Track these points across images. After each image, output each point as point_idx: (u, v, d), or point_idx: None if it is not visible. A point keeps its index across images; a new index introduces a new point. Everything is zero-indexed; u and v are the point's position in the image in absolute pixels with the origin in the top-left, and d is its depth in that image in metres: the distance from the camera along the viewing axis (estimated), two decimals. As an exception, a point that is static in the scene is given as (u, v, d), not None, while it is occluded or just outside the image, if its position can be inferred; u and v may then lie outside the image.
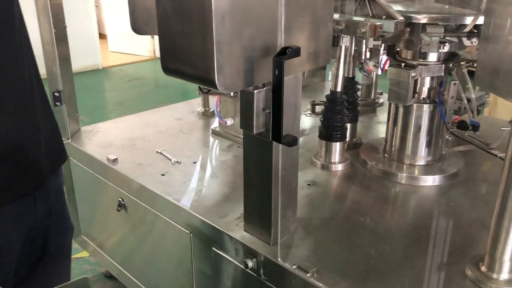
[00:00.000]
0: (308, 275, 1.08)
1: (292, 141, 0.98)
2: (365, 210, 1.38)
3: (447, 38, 1.35)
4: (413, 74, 1.41)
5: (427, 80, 1.50)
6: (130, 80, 5.90)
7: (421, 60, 1.46)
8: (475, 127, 1.55)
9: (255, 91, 1.03)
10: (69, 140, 1.87)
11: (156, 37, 6.28)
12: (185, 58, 0.90)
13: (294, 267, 1.11)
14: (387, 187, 1.52)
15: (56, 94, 1.78)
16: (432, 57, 1.46)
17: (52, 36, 1.75)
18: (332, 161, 1.62)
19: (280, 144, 1.09)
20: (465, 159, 1.61)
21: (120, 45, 7.17)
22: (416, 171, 1.56)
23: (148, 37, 6.96)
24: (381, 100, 2.30)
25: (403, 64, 1.45)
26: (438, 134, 1.55)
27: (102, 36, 6.98)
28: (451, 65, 1.45)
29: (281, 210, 1.18)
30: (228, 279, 1.31)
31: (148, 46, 7.00)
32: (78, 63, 6.14)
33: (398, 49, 1.53)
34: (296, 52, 0.91)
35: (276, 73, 0.90)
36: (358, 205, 1.40)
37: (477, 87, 1.55)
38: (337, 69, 1.52)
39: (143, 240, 1.64)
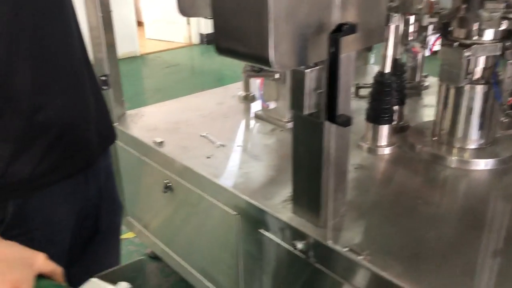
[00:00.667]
0: (361, 257, 1.07)
1: (346, 121, 0.96)
2: (415, 194, 1.34)
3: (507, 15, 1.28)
4: (467, 54, 1.36)
5: (481, 60, 1.44)
6: (167, 66, 5.95)
7: (476, 39, 1.40)
8: (530, 109, 1.49)
9: (307, 70, 1.01)
10: (115, 123, 1.91)
11: (192, 24, 6.32)
12: (239, 36, 0.89)
13: (346, 249, 1.10)
14: (436, 170, 1.48)
15: (103, 78, 1.81)
16: (488, 35, 1.39)
17: (99, 21, 1.77)
18: (379, 144, 1.58)
19: (332, 125, 1.08)
20: (520, 143, 1.55)
21: (156, 32, 7.24)
22: (468, 155, 1.50)
23: (184, 23, 7.00)
24: (426, 83, 2.23)
25: (456, 43, 1.39)
26: (491, 116, 1.50)
27: (139, 23, 7.06)
28: (508, 43, 1.38)
29: (332, 192, 1.16)
30: (275, 261, 1.31)
31: (184, 32, 7.04)
32: (117, 50, 6.26)
33: (450, 28, 1.48)
34: (352, 29, 0.88)
35: (332, 50, 0.88)
36: (407, 189, 1.37)
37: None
38: (386, 49, 1.48)
39: (188, 221, 1.66)
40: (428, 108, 2.01)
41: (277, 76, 1.65)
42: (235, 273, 1.50)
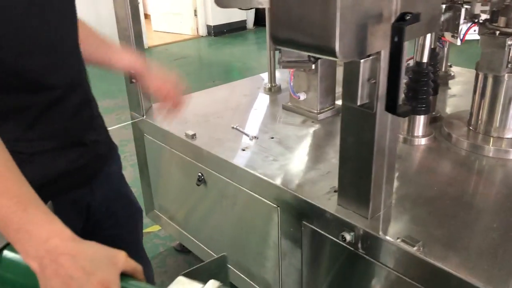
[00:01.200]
0: (415, 248, 1.06)
1: (406, 112, 0.95)
2: (458, 184, 1.34)
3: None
4: (510, 42, 1.34)
5: (521, 49, 1.43)
6: (175, 59, 5.93)
7: (517, 27, 1.38)
8: None
9: (362, 60, 1.00)
10: (144, 116, 1.90)
11: (200, 15, 6.26)
12: (302, 26, 0.88)
13: (399, 240, 1.09)
14: (475, 161, 1.47)
15: (132, 71, 1.79)
16: (529, 23, 1.38)
17: (127, 12, 1.75)
18: (416, 134, 1.57)
19: (384, 116, 1.07)
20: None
21: (163, 25, 7.21)
22: (506, 144, 1.49)
23: (191, 15, 6.96)
24: (452, 73, 2.22)
25: (497, 32, 1.38)
26: (530, 105, 1.48)
27: (145, 16, 7.02)
28: (550, 31, 1.37)
29: (382, 183, 1.16)
30: (320, 253, 1.31)
31: (191, 24, 7.01)
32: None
33: (488, 17, 1.46)
34: (416, 17, 0.87)
35: (396, 39, 0.87)
36: (450, 179, 1.36)
37: None
38: (424, 39, 1.46)
39: (223, 214, 1.65)
40: (457, 98, 2.00)
41: (313, 67, 1.64)
42: (274, 266, 1.50)
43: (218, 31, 7.10)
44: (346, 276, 1.27)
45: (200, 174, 1.67)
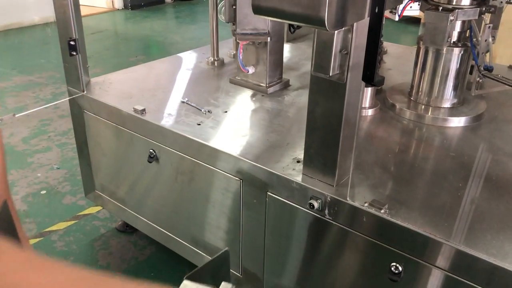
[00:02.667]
0: (382, 211, 1.13)
1: (381, 81, 0.99)
2: (408, 150, 1.43)
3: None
4: (451, 18, 1.45)
5: (458, 24, 1.54)
6: (92, 33, 5.59)
7: (456, 3, 1.49)
8: (489, 70, 1.63)
9: (336, 32, 1.02)
10: (84, 92, 1.79)
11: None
12: (288, -5, 0.88)
13: (366, 204, 1.15)
14: (419, 129, 1.58)
15: (72, 43, 1.67)
16: (466, 0, 1.49)
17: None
18: (363, 106, 1.65)
19: (352, 86, 1.11)
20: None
21: (74, -4, 6.73)
22: (443, 113, 1.62)
23: (106, -13, 6.58)
24: (385, 48, 2.34)
25: (440, 8, 1.47)
26: (465, 78, 1.62)
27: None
28: (484, 8, 1.49)
29: (346, 151, 1.21)
30: (285, 222, 1.34)
31: (106, -4, 6.63)
32: (32, 15, 5.75)
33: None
34: (394, -10, 0.91)
35: (376, 10, 0.90)
36: (400, 146, 1.46)
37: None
38: (373, 13, 1.52)
39: (179, 190, 1.62)
40: (392, 71, 2.12)
41: (269, 39, 1.64)
42: (234, 238, 1.51)
43: (135, 4, 6.79)
44: (312, 242, 1.31)
45: (152, 150, 1.62)
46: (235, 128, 1.54)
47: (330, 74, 1.07)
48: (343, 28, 1.02)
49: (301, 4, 0.87)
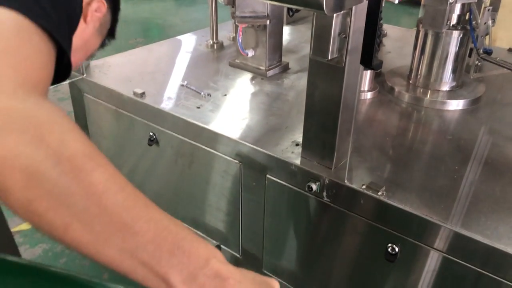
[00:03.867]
0: (379, 193, 1.14)
1: (379, 65, 1.00)
2: (406, 133, 1.45)
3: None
4: (451, 1, 1.44)
5: (458, 7, 1.54)
6: (90, 15, 5.54)
7: (456, -14, 1.48)
8: (489, 53, 1.63)
9: (335, 15, 1.02)
10: (84, 75, 1.79)
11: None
12: (287, -21, 0.88)
13: (363, 187, 1.17)
14: (418, 112, 1.59)
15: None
16: (466, -17, 1.48)
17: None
18: (362, 89, 1.65)
19: (351, 69, 1.12)
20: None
21: (72, -23, 6.65)
22: (442, 96, 1.63)
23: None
24: (384, 31, 2.33)
25: (440, -10, 1.47)
26: (463, 61, 1.62)
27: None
28: (484, -9, 1.49)
29: (345, 134, 1.22)
30: (284, 204, 1.36)
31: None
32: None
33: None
34: (393, -27, 0.90)
35: (375, -6, 0.90)
36: (398, 129, 1.47)
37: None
38: (373, -4, 1.52)
39: (178, 173, 1.64)
40: (391, 54, 2.11)
41: (268, 22, 1.64)
42: (234, 220, 1.53)
43: (134, -14, 6.72)
44: (310, 224, 1.33)
45: (151, 133, 1.63)
46: (234, 112, 1.55)
47: (329, 58, 1.07)
48: (341, 12, 1.02)
49: (299, -12, 0.87)
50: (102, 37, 1.04)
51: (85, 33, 0.94)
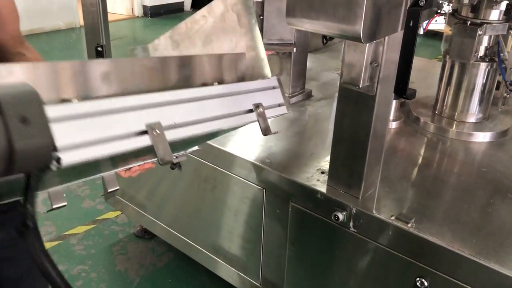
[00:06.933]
0: (409, 225, 1.12)
1: (412, 94, 0.99)
2: (432, 164, 1.42)
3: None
4: (479, 32, 1.44)
5: (485, 39, 1.53)
6: (112, 39, 5.65)
7: (484, 18, 1.48)
8: (515, 86, 1.61)
9: (367, 44, 1.02)
10: (109, 97, 1.80)
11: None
12: (324, 8, 0.88)
13: (392, 218, 1.14)
14: (444, 143, 1.56)
15: (99, 49, 1.70)
16: (494, 15, 1.48)
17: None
18: (387, 118, 1.64)
19: (382, 98, 1.11)
20: None
21: (95, 3, 6.84)
22: (468, 127, 1.61)
23: (127, -6, 6.68)
24: (407, 60, 2.33)
25: (468, 22, 1.47)
26: (491, 92, 1.60)
27: (76, -8, 6.62)
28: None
29: (373, 164, 1.20)
30: (308, 234, 1.33)
31: (126, 4, 6.73)
32: (54, 20, 5.84)
33: (456, 8, 1.55)
34: (429, 2, 0.91)
35: (411, 24, 0.90)
36: (424, 159, 1.45)
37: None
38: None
39: (200, 198, 1.63)
40: (414, 85, 2.10)
41: (294, 50, 1.65)
42: (255, 248, 1.50)
43: (155, 12, 6.87)
44: (336, 254, 1.30)
45: (174, 157, 1.62)
46: (258, 137, 1.54)
47: (360, 86, 1.07)
48: (375, 41, 1.02)
49: (336, 16, 0.87)
50: None
51: None
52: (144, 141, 0.59)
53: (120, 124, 0.57)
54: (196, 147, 1.03)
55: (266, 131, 0.80)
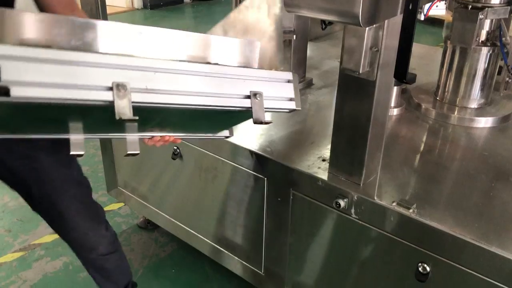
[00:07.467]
0: (410, 211, 1.11)
1: (412, 78, 0.98)
2: (434, 150, 1.42)
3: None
4: (481, 16, 1.42)
5: (487, 23, 1.52)
6: (112, 32, 5.64)
7: (486, 2, 1.46)
8: (518, 70, 1.60)
9: (367, 28, 1.01)
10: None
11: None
12: (322, -9, 0.87)
13: (394, 204, 1.14)
14: (445, 129, 1.56)
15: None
16: (495, -1, 1.47)
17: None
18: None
19: (381, 84, 1.10)
20: None
21: (95, -5, 6.80)
22: (469, 113, 1.60)
23: (126, -14, 6.64)
24: (408, 47, 2.31)
25: (469, 6, 1.45)
26: (492, 77, 1.59)
27: (75, -15, 6.58)
28: (514, 7, 1.47)
29: (374, 150, 1.20)
30: (310, 221, 1.33)
31: (125, -4, 6.70)
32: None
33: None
34: (429, -14, 0.90)
35: (410, 7, 0.89)
36: (426, 146, 1.44)
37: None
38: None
39: (201, 188, 1.63)
40: (415, 71, 2.09)
41: (294, 38, 1.64)
42: (257, 236, 1.50)
43: (154, 4, 6.84)
44: (337, 241, 1.31)
45: (175, 147, 1.62)
46: (258, 127, 1.54)
47: (360, 72, 1.06)
48: (374, 25, 1.01)
49: (336, 0, 0.86)
50: None
51: None
52: (105, 96, 0.66)
53: (87, 76, 0.65)
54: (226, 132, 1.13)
55: (256, 120, 0.80)
